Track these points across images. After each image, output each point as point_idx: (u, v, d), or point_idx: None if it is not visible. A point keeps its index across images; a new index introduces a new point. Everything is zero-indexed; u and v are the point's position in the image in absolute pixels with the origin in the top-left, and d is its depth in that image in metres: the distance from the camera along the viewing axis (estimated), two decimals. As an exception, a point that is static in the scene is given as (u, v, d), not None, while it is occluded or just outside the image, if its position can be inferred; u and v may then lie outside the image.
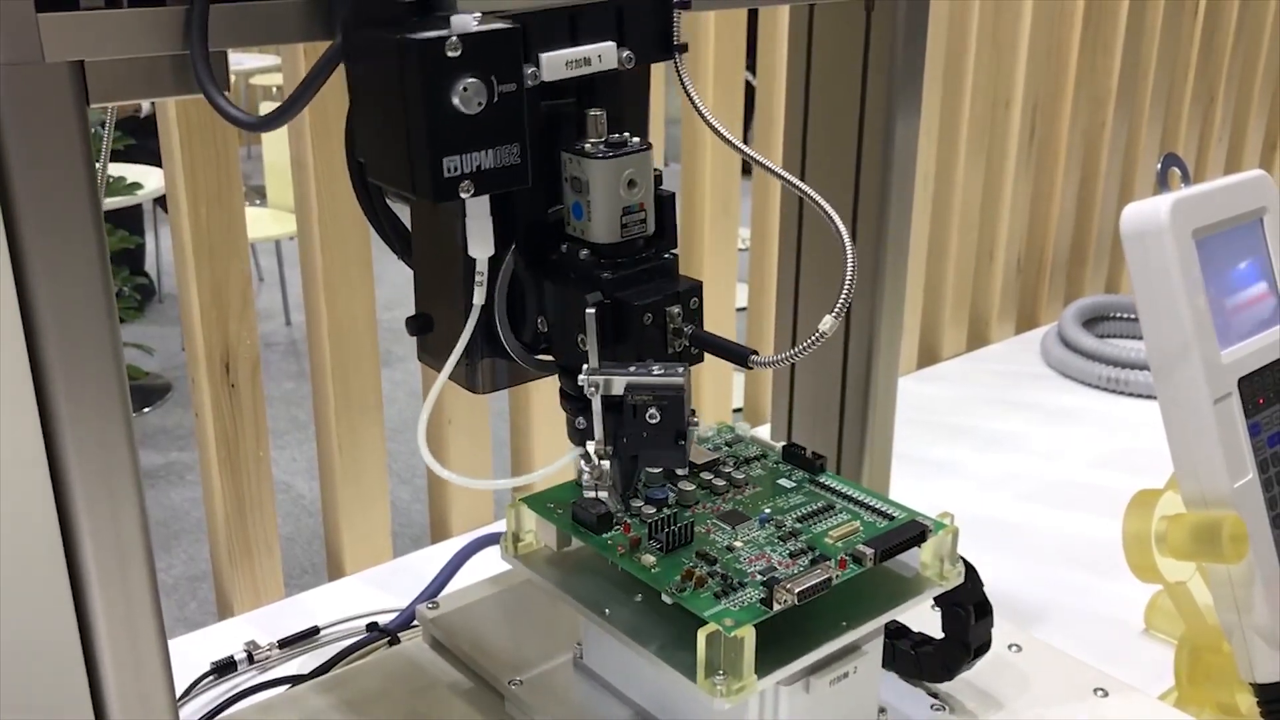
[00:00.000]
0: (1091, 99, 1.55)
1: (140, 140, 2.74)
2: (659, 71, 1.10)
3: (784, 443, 0.64)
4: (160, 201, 3.01)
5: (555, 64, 0.48)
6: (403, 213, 0.59)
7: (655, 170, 0.53)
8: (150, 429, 2.67)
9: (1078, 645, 0.70)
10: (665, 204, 0.53)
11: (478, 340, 0.54)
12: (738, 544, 0.55)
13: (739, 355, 0.51)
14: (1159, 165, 0.68)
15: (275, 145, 2.95)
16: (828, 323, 0.48)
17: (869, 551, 0.53)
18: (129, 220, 3.15)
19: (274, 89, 4.52)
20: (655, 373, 0.50)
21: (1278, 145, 1.95)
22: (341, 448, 0.98)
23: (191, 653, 0.76)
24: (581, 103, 0.52)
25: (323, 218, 0.94)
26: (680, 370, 0.50)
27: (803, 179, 0.77)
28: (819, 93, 0.74)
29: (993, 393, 1.26)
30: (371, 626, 0.78)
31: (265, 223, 3.03)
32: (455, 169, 0.44)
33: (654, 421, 0.50)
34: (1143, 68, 1.61)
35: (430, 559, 0.93)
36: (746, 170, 1.23)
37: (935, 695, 0.63)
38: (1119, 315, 1.38)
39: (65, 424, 0.44)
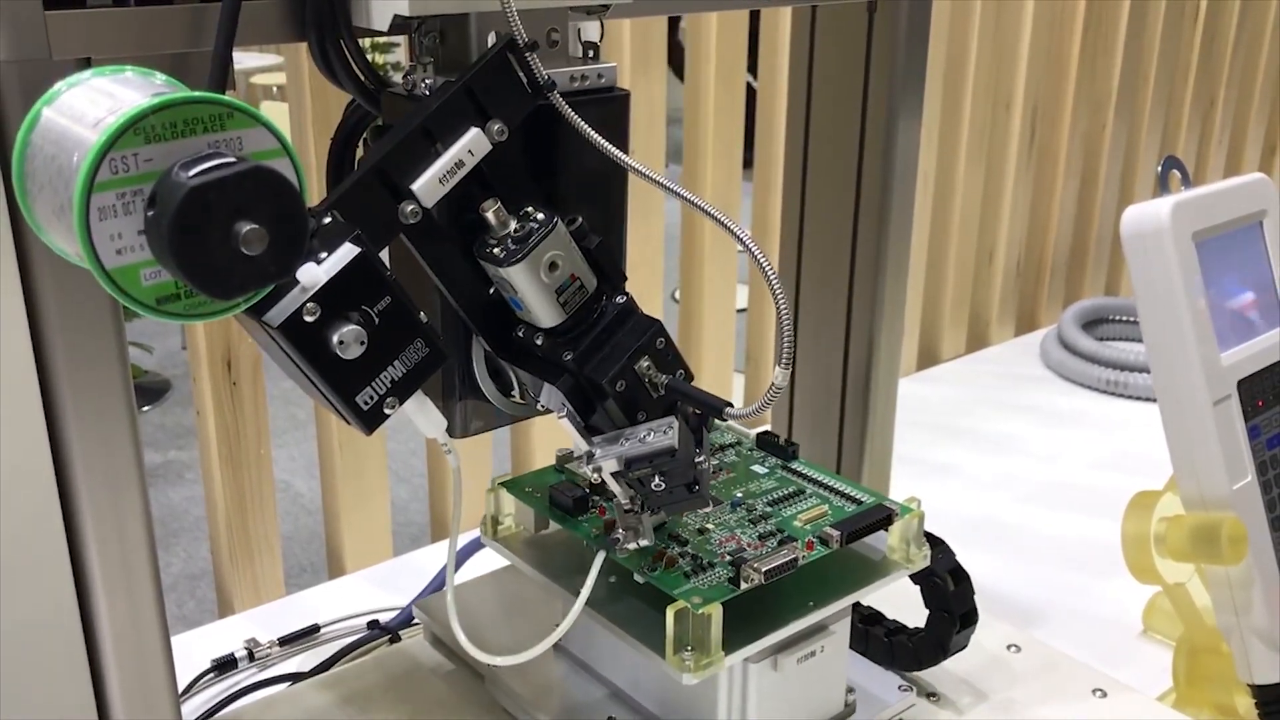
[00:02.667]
0: (1092, 102, 1.55)
1: None
2: (656, 71, 1.10)
3: (758, 430, 0.64)
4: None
5: (431, 188, 0.46)
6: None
7: (570, 221, 0.50)
8: (149, 427, 2.67)
9: (1076, 646, 0.71)
10: (597, 252, 0.51)
11: (455, 382, 0.54)
12: (709, 526, 0.56)
13: (714, 408, 0.50)
14: (1159, 168, 0.68)
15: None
16: (779, 375, 0.47)
17: (836, 534, 0.55)
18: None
19: (274, 88, 4.52)
20: (645, 437, 0.50)
21: (1277, 149, 1.96)
22: (342, 445, 0.99)
23: (192, 650, 0.76)
24: (474, 195, 0.49)
25: (325, 217, 0.94)
26: (670, 425, 0.50)
27: (804, 181, 0.77)
28: (821, 95, 0.74)
29: (992, 395, 1.26)
30: (372, 624, 0.78)
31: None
32: (372, 398, 0.44)
33: (661, 487, 0.50)
34: (1143, 71, 1.61)
35: (431, 557, 0.94)
36: (748, 167, 1.23)
37: (908, 680, 0.64)
38: (1118, 318, 1.38)
39: (70, 421, 0.44)
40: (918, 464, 1.07)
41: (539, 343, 0.51)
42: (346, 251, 0.42)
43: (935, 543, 0.62)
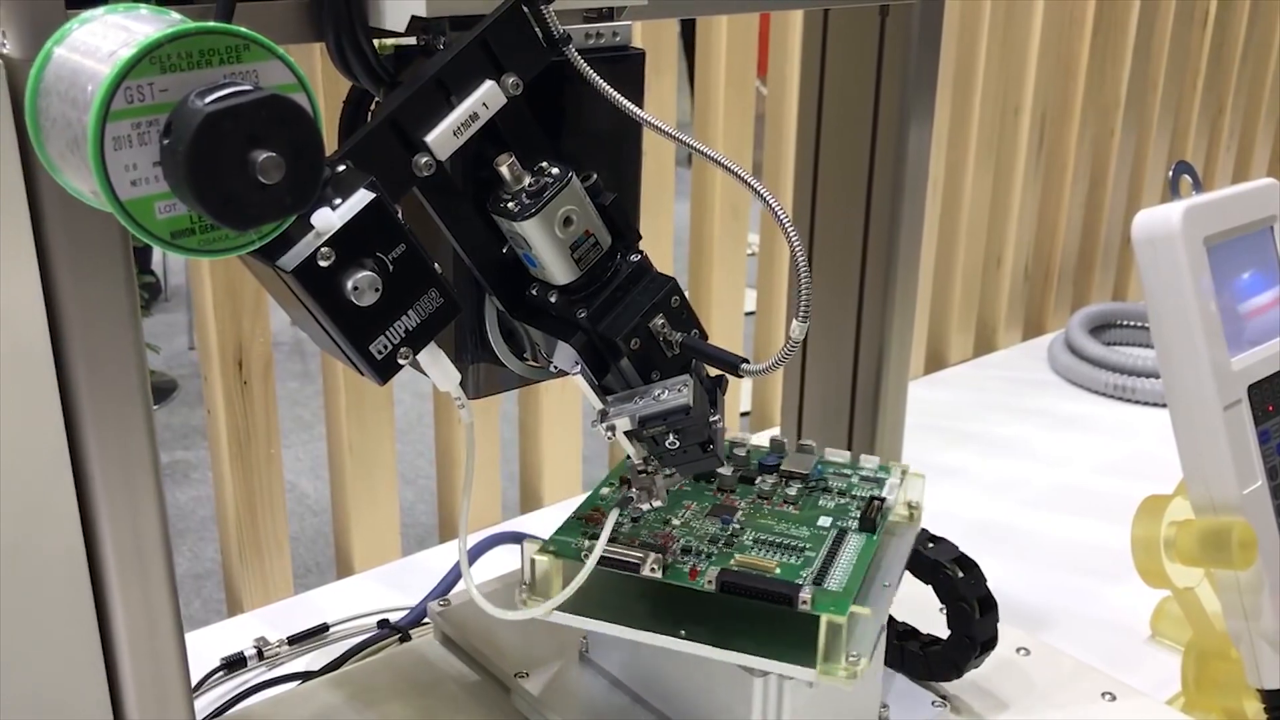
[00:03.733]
0: (1100, 107, 1.55)
1: None
2: (668, 75, 1.10)
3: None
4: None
5: (445, 141, 0.46)
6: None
7: (585, 177, 0.50)
8: (156, 427, 2.67)
9: (1084, 650, 0.71)
10: (613, 209, 0.51)
11: (467, 343, 0.54)
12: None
13: (730, 364, 0.50)
14: (1170, 172, 0.68)
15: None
16: (796, 329, 0.47)
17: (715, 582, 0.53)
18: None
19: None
20: (659, 395, 0.49)
21: (1286, 155, 1.95)
22: (352, 446, 0.99)
23: (201, 648, 0.77)
24: (488, 152, 0.49)
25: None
26: (684, 383, 0.50)
27: (815, 184, 0.77)
28: (832, 98, 0.74)
29: (1000, 399, 1.26)
30: (383, 623, 0.78)
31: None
32: (386, 348, 0.43)
33: (675, 445, 0.50)
34: (1152, 77, 1.61)
35: (439, 557, 0.94)
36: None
37: (940, 695, 0.64)
38: (1126, 323, 1.38)
39: (88, 420, 0.44)
40: (925, 467, 1.06)
41: (553, 300, 0.51)
42: (362, 197, 0.42)
43: (968, 567, 0.61)
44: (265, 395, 0.94)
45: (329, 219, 0.41)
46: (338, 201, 0.41)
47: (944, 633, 0.63)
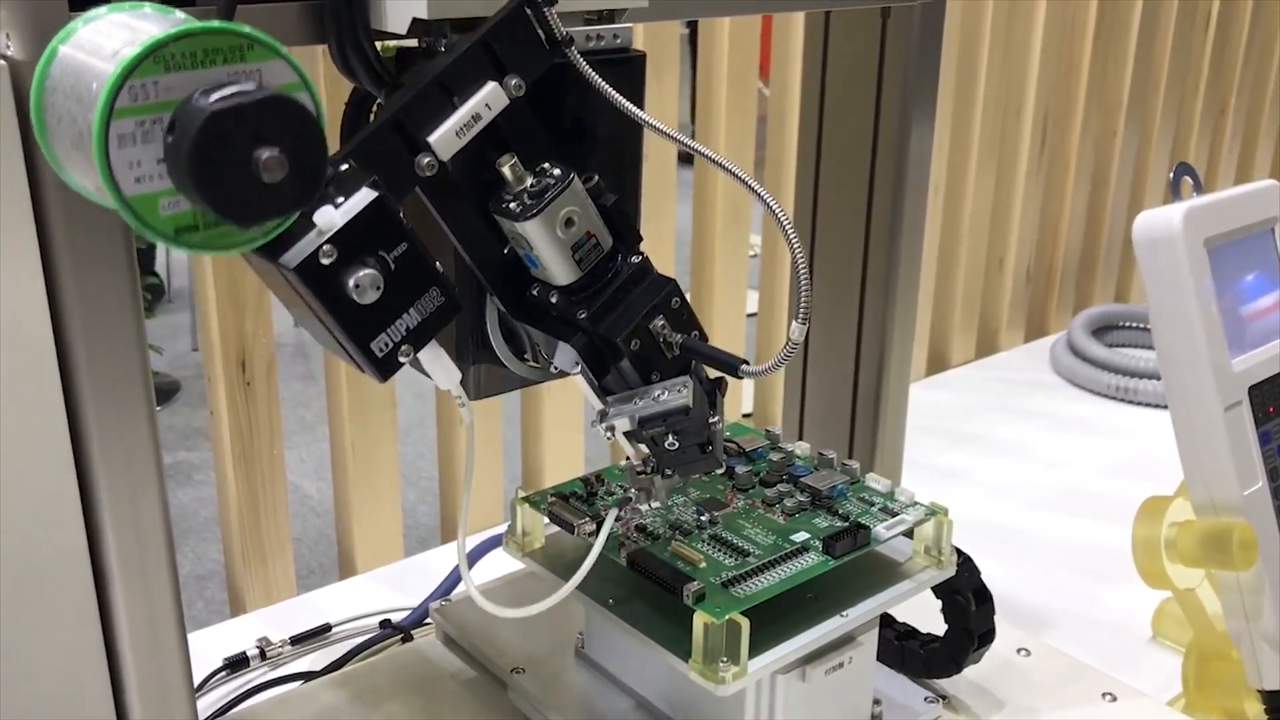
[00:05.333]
0: (1102, 109, 1.56)
1: None
2: (669, 79, 1.11)
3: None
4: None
5: (447, 141, 0.46)
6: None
7: (586, 179, 0.51)
8: (159, 428, 2.67)
9: (1086, 651, 0.71)
10: (614, 210, 0.51)
11: (469, 344, 0.54)
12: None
13: (729, 365, 0.50)
14: (1171, 174, 0.68)
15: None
16: (795, 330, 0.47)
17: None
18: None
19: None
20: (659, 396, 0.50)
21: (1288, 157, 1.95)
22: (354, 446, 0.99)
23: (204, 649, 0.77)
24: (490, 154, 0.49)
25: (338, 218, 0.94)
26: (683, 384, 0.50)
27: (816, 186, 0.77)
28: (834, 100, 0.75)
29: (1002, 400, 1.27)
30: (385, 623, 0.78)
31: (276, 224, 3.03)
32: (387, 345, 0.44)
33: (674, 447, 0.50)
34: (1154, 78, 1.61)
35: (441, 558, 0.94)
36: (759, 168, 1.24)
37: (939, 694, 0.64)
38: (1128, 324, 1.38)
39: (91, 421, 0.44)
40: (927, 469, 1.07)
41: (554, 300, 0.51)
42: (364, 195, 0.42)
43: (961, 559, 0.62)
44: (268, 396, 0.95)
45: (331, 217, 0.41)
46: (340, 200, 0.42)
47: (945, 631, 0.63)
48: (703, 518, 0.59)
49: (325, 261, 0.41)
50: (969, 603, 0.61)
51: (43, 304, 0.43)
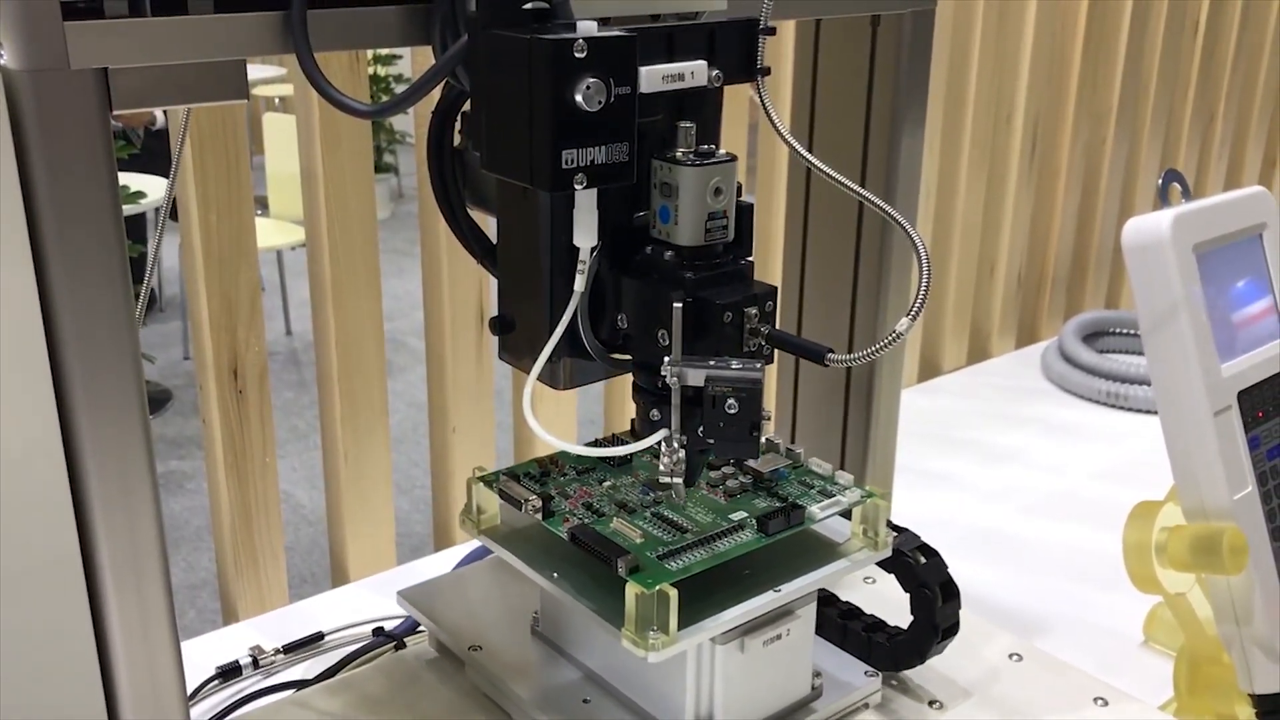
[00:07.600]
0: (1092, 115, 1.56)
1: (162, 150, 2.75)
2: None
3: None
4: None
5: (653, 77, 0.51)
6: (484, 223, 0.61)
7: (737, 182, 0.55)
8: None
9: (1077, 656, 0.71)
10: (744, 213, 0.55)
11: (561, 339, 0.56)
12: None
13: (815, 353, 0.54)
14: (1160, 180, 0.68)
15: (279, 156, 2.96)
16: (903, 324, 0.50)
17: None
18: (132, 229, 3.16)
19: (276, 100, 4.52)
20: (734, 366, 0.51)
21: (1277, 162, 1.96)
22: (347, 455, 0.99)
23: (197, 657, 0.77)
24: (669, 115, 0.54)
25: (331, 228, 0.94)
26: (758, 365, 0.52)
27: (807, 192, 0.77)
28: (824, 107, 0.75)
29: (993, 406, 1.27)
30: (377, 631, 0.78)
31: (268, 232, 3.04)
32: (572, 161, 0.47)
33: (731, 413, 0.51)
34: (1143, 85, 1.62)
35: (434, 566, 0.94)
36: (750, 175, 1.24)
37: (896, 680, 0.65)
38: (1119, 330, 1.39)
39: (84, 430, 0.44)
40: (919, 475, 1.07)
41: (666, 258, 0.54)
42: (625, 33, 0.47)
43: (929, 554, 0.63)
44: (260, 405, 0.95)
45: (591, 27, 0.47)
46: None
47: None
48: (648, 497, 0.61)
49: (578, 55, 0.45)
50: (936, 597, 0.62)
51: (36, 313, 0.43)
